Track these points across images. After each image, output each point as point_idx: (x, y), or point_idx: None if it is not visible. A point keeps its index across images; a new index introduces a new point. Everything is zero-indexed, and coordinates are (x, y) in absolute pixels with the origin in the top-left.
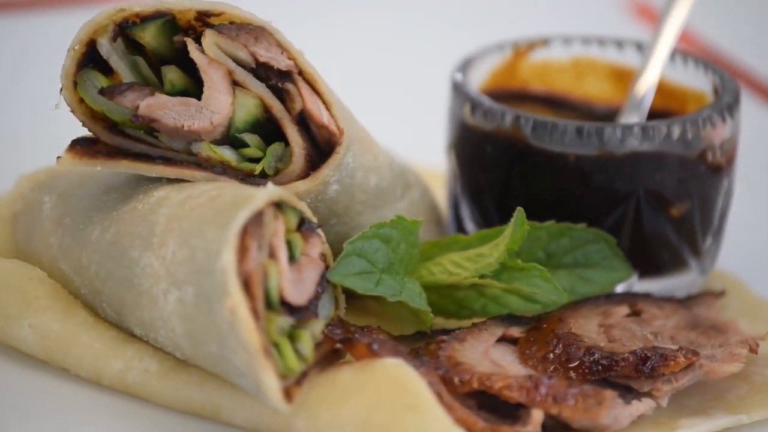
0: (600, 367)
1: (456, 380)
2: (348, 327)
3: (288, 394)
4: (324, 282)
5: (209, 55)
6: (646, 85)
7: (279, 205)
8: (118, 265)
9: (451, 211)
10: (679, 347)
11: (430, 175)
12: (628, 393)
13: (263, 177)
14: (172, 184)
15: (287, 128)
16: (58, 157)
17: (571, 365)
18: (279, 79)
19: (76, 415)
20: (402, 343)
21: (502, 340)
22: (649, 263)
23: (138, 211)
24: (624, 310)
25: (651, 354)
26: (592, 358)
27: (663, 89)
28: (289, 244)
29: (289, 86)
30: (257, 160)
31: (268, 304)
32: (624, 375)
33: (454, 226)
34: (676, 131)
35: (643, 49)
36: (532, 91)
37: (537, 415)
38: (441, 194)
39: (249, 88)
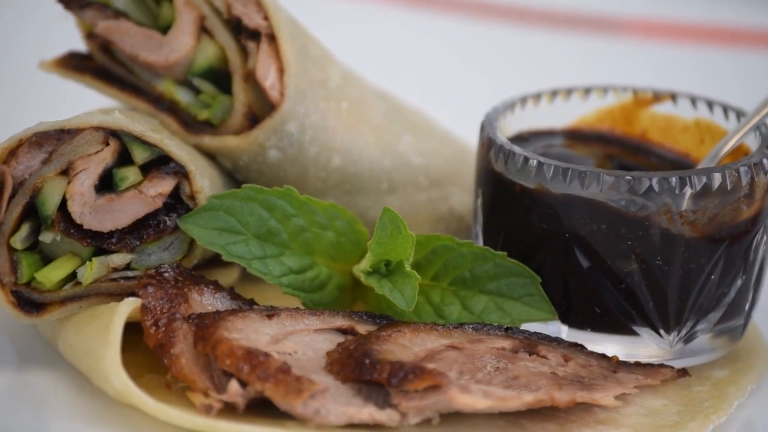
0: (360, 370)
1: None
2: (177, 273)
3: (41, 308)
4: (162, 224)
5: None
6: (727, 146)
7: (118, 135)
8: None
9: None
10: (433, 368)
11: None
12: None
13: (208, 125)
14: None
15: (234, 83)
16: (41, 61)
17: (344, 361)
18: (247, 35)
19: None
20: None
21: (349, 333)
22: (576, 315)
23: None
24: (504, 343)
25: (405, 367)
26: (360, 360)
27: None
28: (112, 174)
29: (250, 44)
30: None
31: (35, 216)
32: (380, 382)
33: None
34: (609, 183)
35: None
36: (650, 143)
37: (232, 386)
38: None
39: (215, 37)
